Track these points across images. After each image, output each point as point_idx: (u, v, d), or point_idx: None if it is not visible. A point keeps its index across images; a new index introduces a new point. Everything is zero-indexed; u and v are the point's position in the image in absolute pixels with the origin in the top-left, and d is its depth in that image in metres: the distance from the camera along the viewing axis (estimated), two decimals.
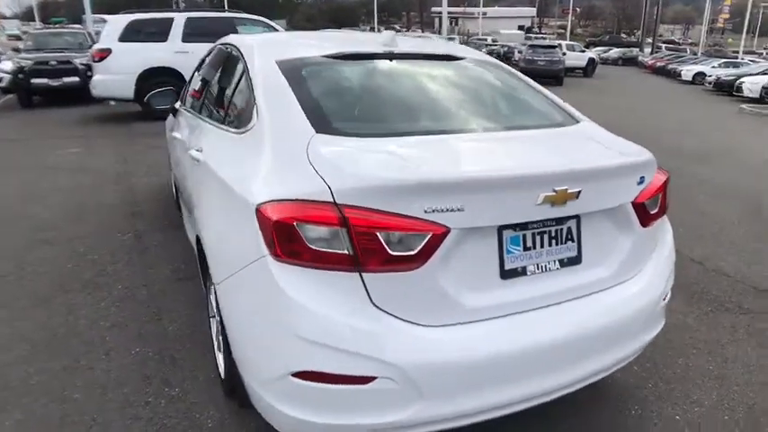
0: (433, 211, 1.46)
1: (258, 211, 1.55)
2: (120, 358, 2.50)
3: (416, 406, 1.52)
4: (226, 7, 26.04)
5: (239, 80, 2.34)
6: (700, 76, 23.15)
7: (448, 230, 1.48)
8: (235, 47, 2.56)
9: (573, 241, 1.74)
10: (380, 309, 1.49)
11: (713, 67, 23.66)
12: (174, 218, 4.33)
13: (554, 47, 21.49)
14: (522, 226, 1.63)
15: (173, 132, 3.62)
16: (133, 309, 2.94)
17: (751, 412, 2.29)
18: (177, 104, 3.66)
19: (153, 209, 4.60)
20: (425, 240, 1.46)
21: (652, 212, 1.90)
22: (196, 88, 2.76)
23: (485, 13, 63.42)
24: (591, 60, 25.41)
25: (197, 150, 2.33)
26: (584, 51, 26.82)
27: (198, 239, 2.28)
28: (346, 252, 1.44)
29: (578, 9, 73.04)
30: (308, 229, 1.45)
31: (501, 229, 1.59)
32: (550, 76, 18.95)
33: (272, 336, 1.55)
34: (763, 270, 3.71)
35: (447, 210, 1.47)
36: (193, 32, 8.83)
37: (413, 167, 1.57)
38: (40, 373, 2.39)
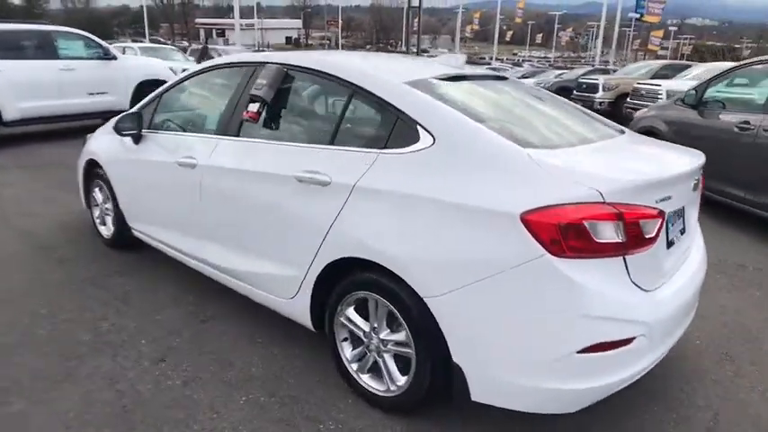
0: (661, 200, 1.86)
1: (525, 219, 1.71)
2: (234, 412, 2.25)
3: (650, 354, 1.91)
4: None
5: (349, 102, 2.34)
6: None
7: (665, 214, 1.88)
8: (315, 70, 2.51)
9: (682, 217, 2.28)
10: (634, 282, 1.82)
11: None
12: (122, 259, 3.77)
13: None
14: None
15: (156, 161, 3.18)
16: (189, 361, 2.60)
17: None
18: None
19: (81, 253, 3.88)
20: (658, 224, 1.84)
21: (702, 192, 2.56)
22: (254, 110, 2.54)
23: (252, 25, 63.16)
24: None
25: (310, 173, 2.25)
26: None
27: (325, 267, 2.23)
28: (620, 240, 1.73)
29: (340, 21, 78.06)
30: (594, 226, 1.70)
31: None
32: None
33: (554, 322, 1.74)
34: None
35: (665, 199, 1.89)
36: (4, 47, 7.31)
37: (641, 169, 1.95)
38: None
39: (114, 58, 8.63)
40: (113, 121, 3.93)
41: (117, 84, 8.61)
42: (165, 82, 9.22)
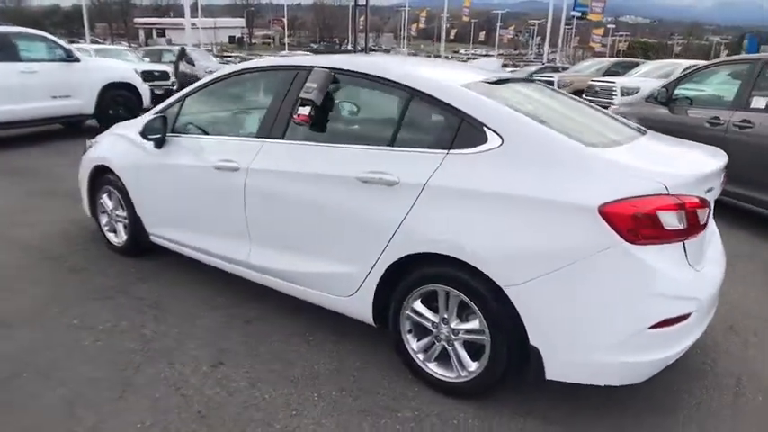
0: (708, 191, 2.11)
1: (603, 211, 1.90)
2: (311, 407, 2.32)
3: (697, 329, 2.16)
4: None
5: (408, 105, 2.44)
6: None
7: (709, 203, 2.12)
8: (368, 74, 2.59)
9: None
10: (690, 264, 2.06)
11: None
12: (138, 266, 3.72)
13: None
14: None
15: (189, 164, 3.16)
16: (247, 362, 2.64)
17: None
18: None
19: (91, 261, 3.78)
20: (707, 212, 2.09)
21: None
22: (305, 114, 2.59)
23: (194, 24, 61.27)
24: None
25: (377, 173, 2.34)
26: None
27: (393, 263, 2.34)
28: (682, 227, 1.96)
29: (283, 19, 77.20)
30: (664, 216, 1.91)
31: None
32: None
33: (630, 302, 1.95)
34: None
35: (710, 190, 2.15)
36: None
37: (692, 163, 2.17)
38: None
39: (77, 60, 8.28)
40: (122, 125, 3.88)
41: (81, 87, 8.28)
42: (130, 85, 9.07)
